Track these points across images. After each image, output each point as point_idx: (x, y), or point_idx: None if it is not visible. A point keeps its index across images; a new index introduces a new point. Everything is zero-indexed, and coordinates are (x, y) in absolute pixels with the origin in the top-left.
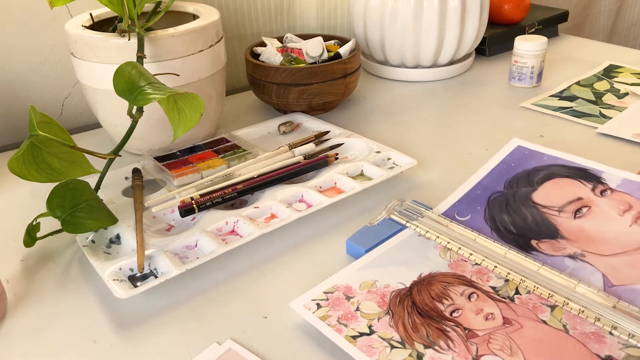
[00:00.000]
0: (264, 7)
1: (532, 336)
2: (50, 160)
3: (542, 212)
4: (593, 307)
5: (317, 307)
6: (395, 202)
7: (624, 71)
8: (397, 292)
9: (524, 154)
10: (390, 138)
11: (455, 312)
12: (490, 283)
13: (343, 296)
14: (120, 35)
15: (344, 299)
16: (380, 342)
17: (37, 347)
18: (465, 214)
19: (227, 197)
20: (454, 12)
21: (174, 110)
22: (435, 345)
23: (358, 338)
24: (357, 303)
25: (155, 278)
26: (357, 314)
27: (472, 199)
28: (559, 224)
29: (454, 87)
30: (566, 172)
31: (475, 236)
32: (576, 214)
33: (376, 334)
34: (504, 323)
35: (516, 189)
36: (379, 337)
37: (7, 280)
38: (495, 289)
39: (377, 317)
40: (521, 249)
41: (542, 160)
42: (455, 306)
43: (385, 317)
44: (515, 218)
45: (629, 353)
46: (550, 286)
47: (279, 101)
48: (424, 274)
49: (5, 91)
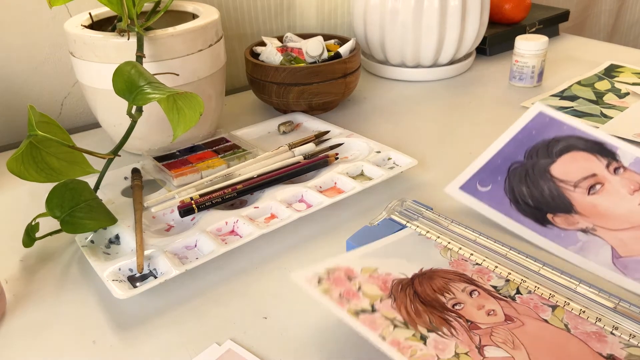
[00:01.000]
0: (263, 6)
1: (534, 333)
2: (50, 160)
3: (559, 186)
4: (594, 308)
5: (318, 281)
6: (396, 203)
7: (624, 71)
8: (399, 280)
9: (545, 122)
10: (390, 138)
11: (457, 305)
12: (491, 282)
13: (344, 276)
14: (119, 35)
15: (345, 279)
16: (383, 320)
17: (36, 347)
18: (487, 183)
19: (226, 197)
20: (454, 11)
21: (174, 110)
22: (438, 330)
23: (360, 314)
24: (359, 284)
25: (154, 278)
26: (359, 293)
27: (494, 168)
28: (573, 199)
29: (454, 86)
30: (584, 145)
31: (475, 236)
32: (590, 190)
33: (379, 312)
34: (505, 319)
35: (535, 160)
36: (382, 316)
37: (6, 281)
38: (497, 288)
39: (380, 299)
40: (538, 222)
41: (561, 129)
42: (457, 300)
43: (388, 300)
44: (534, 191)
45: (631, 352)
46: (551, 286)
47: (279, 101)
48: (425, 268)
49: (4, 91)
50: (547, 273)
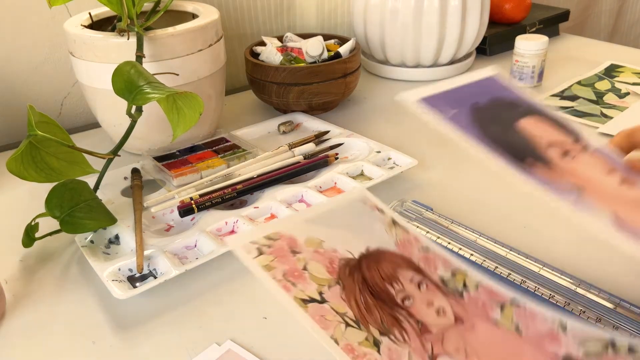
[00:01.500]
0: (263, 6)
1: (485, 339)
2: (49, 160)
3: (530, 139)
4: (594, 308)
5: (258, 252)
6: (396, 203)
7: (625, 71)
8: (346, 261)
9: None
10: (390, 138)
11: (407, 301)
12: (438, 272)
13: (287, 248)
14: (119, 35)
15: (289, 252)
16: (333, 315)
17: (36, 347)
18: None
19: (226, 197)
20: (454, 11)
21: (173, 110)
22: (390, 333)
23: (309, 303)
24: (304, 261)
25: (154, 278)
26: (304, 274)
27: (458, 98)
28: (548, 156)
29: None
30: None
31: (476, 237)
32: (564, 155)
33: (328, 304)
34: (455, 321)
35: (500, 110)
36: (331, 309)
37: (6, 281)
38: (444, 281)
39: (328, 285)
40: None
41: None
42: (406, 293)
43: (336, 286)
44: (506, 133)
45: (588, 350)
46: (551, 287)
47: (279, 101)
48: (371, 247)
49: (4, 91)
50: (547, 274)
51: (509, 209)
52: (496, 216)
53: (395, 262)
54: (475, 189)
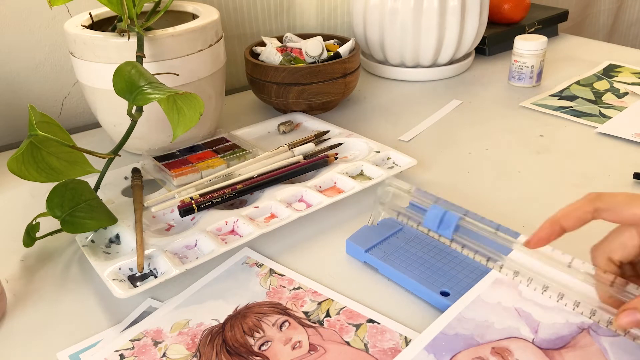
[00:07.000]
0: (263, 6)
1: (334, 359)
2: (50, 160)
3: None
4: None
5: (120, 358)
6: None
7: (623, 71)
8: (210, 330)
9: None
10: (390, 138)
11: (264, 345)
12: (303, 308)
13: (151, 342)
14: (119, 35)
15: (151, 345)
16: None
17: (36, 347)
18: None
19: (226, 196)
20: (453, 11)
21: (174, 110)
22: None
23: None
24: (165, 348)
25: (155, 278)
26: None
27: None
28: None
29: (453, 86)
30: None
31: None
32: None
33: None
34: (309, 350)
35: None
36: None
37: (7, 280)
38: (307, 314)
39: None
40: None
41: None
42: (265, 338)
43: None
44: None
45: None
46: (550, 285)
47: (279, 101)
48: (240, 306)
49: (4, 90)
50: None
51: (509, 209)
52: (496, 216)
53: (261, 311)
54: (474, 189)
